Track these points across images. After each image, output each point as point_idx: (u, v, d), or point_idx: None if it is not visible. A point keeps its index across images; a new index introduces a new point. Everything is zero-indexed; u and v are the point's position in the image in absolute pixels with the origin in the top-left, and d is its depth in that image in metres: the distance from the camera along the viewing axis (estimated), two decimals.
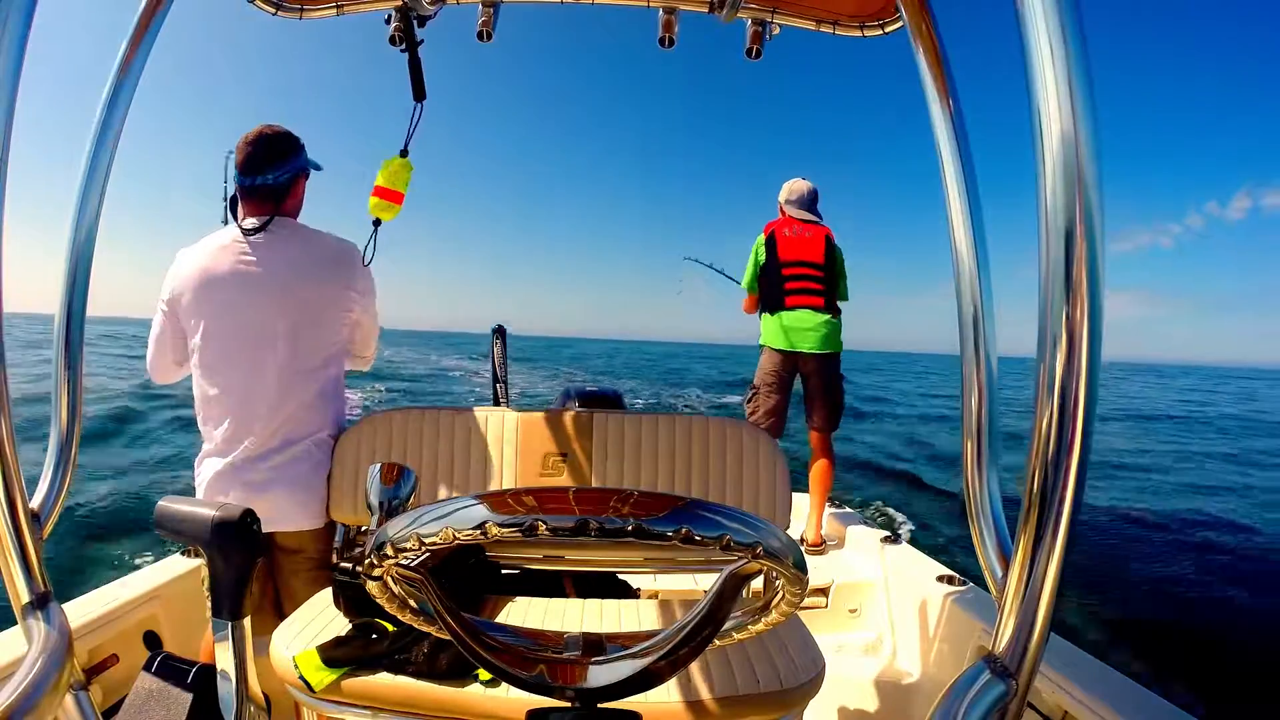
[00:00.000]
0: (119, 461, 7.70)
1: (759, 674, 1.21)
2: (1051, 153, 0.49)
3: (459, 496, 0.49)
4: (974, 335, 0.82)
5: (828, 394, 3.04)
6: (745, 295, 3.30)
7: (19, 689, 0.66)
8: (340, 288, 1.61)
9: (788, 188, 3.20)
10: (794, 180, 3.21)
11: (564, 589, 1.75)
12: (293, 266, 1.55)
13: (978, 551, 0.70)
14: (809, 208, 3.17)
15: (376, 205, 1.72)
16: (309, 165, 1.65)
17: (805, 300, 3.01)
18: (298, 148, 1.60)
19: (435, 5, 1.53)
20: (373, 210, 1.73)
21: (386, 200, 1.72)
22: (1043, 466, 0.52)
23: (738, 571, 0.58)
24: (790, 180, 3.21)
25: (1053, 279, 0.50)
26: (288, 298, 1.53)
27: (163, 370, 1.65)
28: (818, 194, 3.20)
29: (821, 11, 1.43)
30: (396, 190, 1.72)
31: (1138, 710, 1.28)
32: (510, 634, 0.65)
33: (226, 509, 0.81)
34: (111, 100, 0.99)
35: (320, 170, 1.70)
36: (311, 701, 1.24)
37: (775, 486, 1.66)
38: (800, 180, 3.20)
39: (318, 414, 1.61)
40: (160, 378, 1.67)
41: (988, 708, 0.55)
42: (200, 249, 1.56)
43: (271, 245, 1.55)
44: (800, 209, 3.15)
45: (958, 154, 0.88)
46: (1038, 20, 0.50)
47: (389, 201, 1.72)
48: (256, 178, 1.54)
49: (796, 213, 3.14)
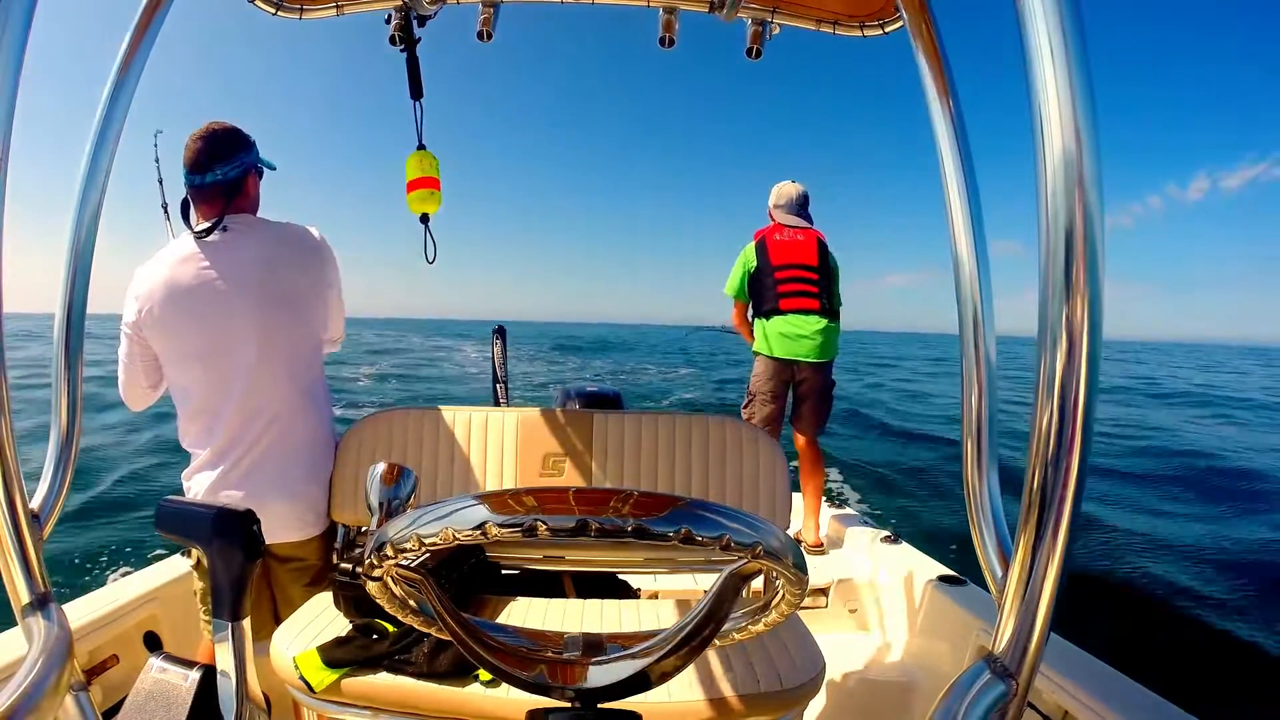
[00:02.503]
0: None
1: (759, 674, 1.21)
2: (1051, 153, 0.49)
3: (459, 497, 0.49)
4: (974, 335, 0.82)
5: (819, 401, 3.00)
6: (732, 304, 3.18)
7: (19, 689, 0.66)
8: (314, 275, 1.56)
9: (776, 191, 3.11)
10: (783, 184, 3.12)
11: (564, 589, 1.75)
12: (258, 263, 1.48)
13: (978, 551, 0.70)
14: (799, 212, 3.07)
15: (416, 199, 1.69)
16: (261, 163, 1.59)
17: (801, 303, 2.91)
18: (247, 144, 1.53)
19: (435, 5, 1.53)
20: (413, 206, 1.71)
21: (424, 189, 1.69)
22: (1043, 466, 0.52)
23: (738, 571, 0.58)
24: (779, 184, 3.12)
25: (1053, 279, 0.50)
26: (258, 296, 1.47)
27: (137, 396, 1.58)
28: (808, 197, 3.11)
29: (821, 11, 1.43)
30: (430, 177, 1.69)
31: (1138, 710, 1.28)
32: (510, 634, 0.65)
33: (227, 509, 0.82)
34: (112, 99, 0.99)
35: (274, 170, 1.63)
36: (311, 702, 1.24)
37: (775, 486, 1.65)
38: (790, 183, 3.11)
39: (305, 416, 1.56)
40: (135, 404, 1.60)
41: (988, 708, 0.55)
42: (159, 263, 1.48)
43: (233, 245, 1.48)
44: (790, 214, 3.06)
45: (958, 154, 0.88)
46: (1037, 20, 0.50)
47: (427, 189, 1.69)
48: (206, 175, 1.47)
49: (786, 218, 3.05)
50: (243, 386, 1.48)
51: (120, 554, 4.47)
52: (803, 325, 2.91)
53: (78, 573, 4.16)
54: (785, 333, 2.93)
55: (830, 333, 2.94)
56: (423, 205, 1.71)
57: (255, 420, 1.49)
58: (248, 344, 1.47)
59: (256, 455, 1.50)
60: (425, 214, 1.73)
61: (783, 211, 3.08)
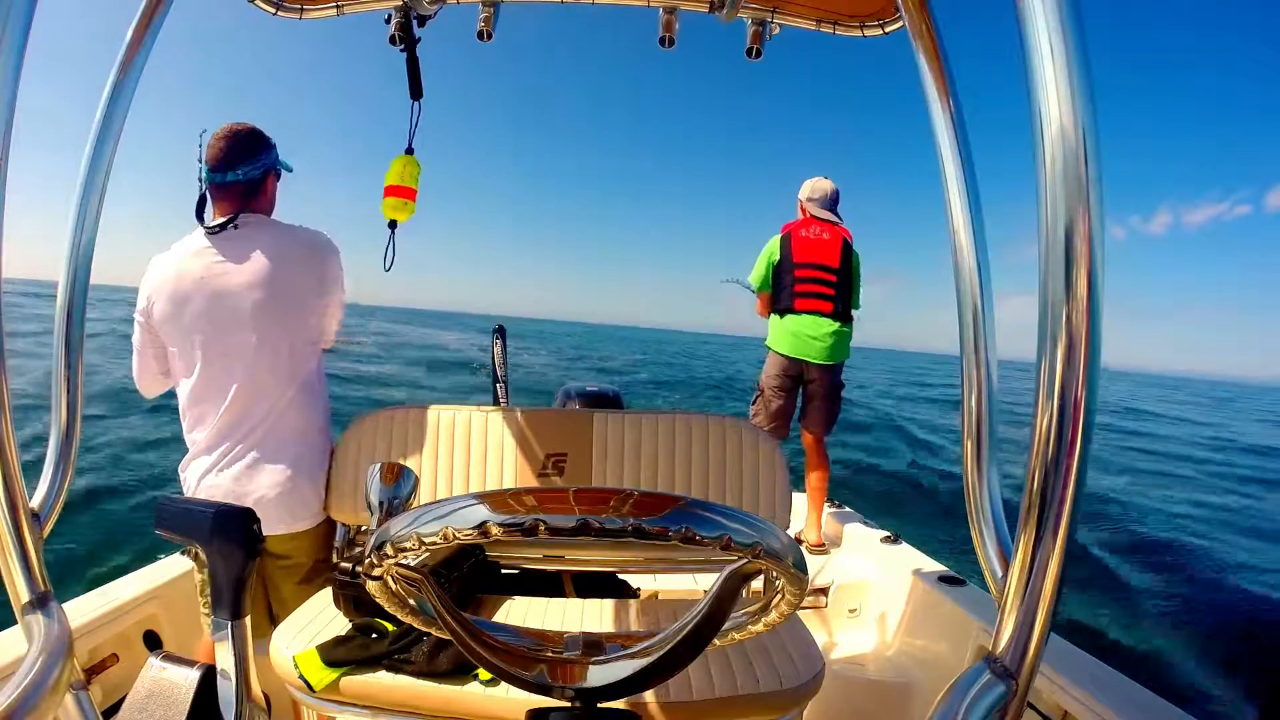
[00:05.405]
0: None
1: (759, 674, 1.21)
2: (1051, 153, 0.49)
3: (459, 496, 0.49)
4: (974, 335, 0.82)
5: (827, 401, 3.02)
6: (757, 296, 3.22)
7: (19, 689, 0.66)
8: (316, 277, 1.58)
9: (810, 185, 3.13)
10: (816, 179, 3.14)
11: (564, 589, 1.75)
12: (265, 260, 1.51)
13: (978, 551, 0.70)
14: (830, 208, 3.09)
15: (390, 205, 1.71)
16: (280, 165, 1.63)
17: (814, 305, 2.93)
18: (268, 145, 1.58)
19: (435, 5, 1.53)
20: (386, 211, 1.72)
21: (399, 198, 1.70)
22: (1043, 466, 0.52)
23: (738, 571, 0.58)
24: (812, 179, 3.15)
25: (1053, 279, 0.50)
26: (261, 292, 1.50)
27: (149, 382, 1.62)
28: (839, 195, 3.13)
29: (821, 11, 1.43)
30: (407, 187, 1.71)
31: (1138, 710, 1.28)
32: (510, 634, 0.66)
33: (227, 508, 0.82)
34: (112, 98, 0.99)
35: (291, 171, 1.67)
36: (311, 701, 1.25)
37: (775, 486, 1.65)
38: (823, 179, 3.13)
39: (300, 411, 1.59)
40: (148, 390, 1.63)
41: (988, 708, 0.55)
42: (171, 255, 1.54)
43: (242, 242, 1.52)
44: (821, 208, 3.08)
45: (958, 154, 0.88)
46: (1038, 20, 0.50)
47: (401, 199, 1.70)
48: (227, 174, 1.51)
49: (818, 211, 3.06)
50: (240, 379, 1.51)
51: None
52: (814, 327, 2.94)
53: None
54: (796, 332, 2.96)
55: (841, 336, 2.96)
56: (394, 212, 1.72)
57: (250, 412, 1.52)
58: (248, 340, 1.50)
59: (248, 446, 1.52)
60: (394, 221, 1.74)
61: (815, 205, 3.09)
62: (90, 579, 3.91)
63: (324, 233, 1.63)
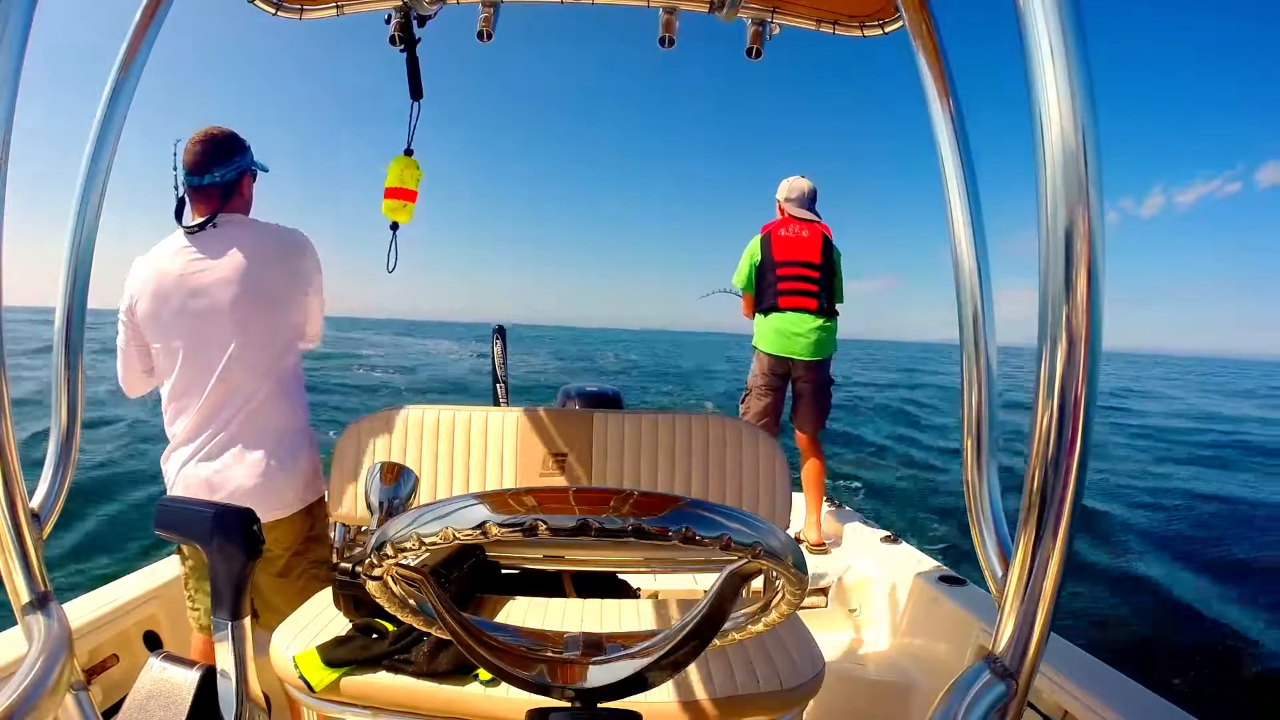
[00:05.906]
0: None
1: (759, 674, 1.21)
2: (1051, 153, 0.49)
3: (459, 496, 0.49)
4: (974, 334, 0.82)
5: (816, 399, 3.04)
6: (741, 297, 3.25)
7: (19, 689, 0.66)
8: (292, 273, 1.61)
9: (787, 185, 3.16)
10: (793, 178, 3.18)
11: (564, 589, 1.75)
12: (242, 258, 1.55)
13: (978, 551, 0.70)
14: (809, 206, 3.13)
15: (389, 207, 1.72)
16: (255, 166, 1.66)
17: (798, 302, 2.96)
18: (243, 147, 1.61)
19: (435, 5, 1.53)
20: (387, 213, 1.74)
21: (399, 200, 1.72)
22: (1043, 466, 0.52)
23: (738, 571, 0.58)
24: (789, 178, 3.18)
25: (1053, 279, 0.50)
26: (239, 289, 1.53)
27: (133, 381, 1.65)
28: (816, 193, 3.17)
29: (821, 11, 1.43)
30: (408, 189, 1.72)
31: (1138, 710, 1.28)
32: (510, 634, 0.65)
33: (227, 508, 0.82)
34: (112, 99, 0.99)
35: (266, 172, 1.70)
36: (311, 701, 1.25)
37: (775, 486, 1.65)
38: (800, 178, 3.17)
39: (278, 405, 1.61)
40: (132, 390, 1.66)
41: (988, 708, 0.55)
42: (152, 255, 1.57)
43: (221, 241, 1.55)
44: (800, 207, 3.12)
45: (958, 154, 0.88)
46: (1038, 20, 0.50)
47: (401, 201, 1.72)
48: (204, 177, 1.54)
49: (796, 210, 3.10)
50: (219, 374, 1.54)
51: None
52: (798, 324, 2.95)
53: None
54: (780, 330, 2.98)
55: (826, 331, 2.98)
56: (394, 214, 1.73)
57: (227, 405, 1.55)
58: (226, 335, 1.53)
59: (226, 438, 1.55)
60: (395, 223, 1.75)
61: (793, 204, 3.12)
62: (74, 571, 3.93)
63: (299, 230, 1.66)
